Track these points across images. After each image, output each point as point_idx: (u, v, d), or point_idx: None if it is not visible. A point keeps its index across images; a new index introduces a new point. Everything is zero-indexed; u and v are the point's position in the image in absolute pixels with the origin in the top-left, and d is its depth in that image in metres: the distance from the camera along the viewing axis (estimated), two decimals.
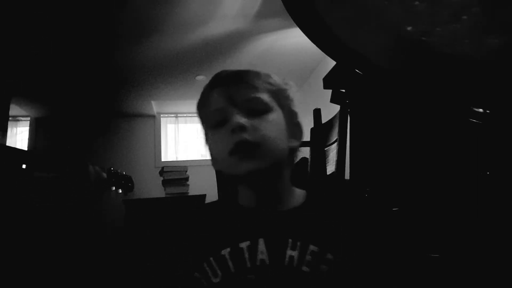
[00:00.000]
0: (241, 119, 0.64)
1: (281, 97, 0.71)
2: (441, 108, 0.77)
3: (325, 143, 1.84)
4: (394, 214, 0.93)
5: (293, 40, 2.87)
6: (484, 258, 0.79)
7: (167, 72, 3.38)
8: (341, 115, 1.65)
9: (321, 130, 1.84)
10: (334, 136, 1.74)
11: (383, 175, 1.04)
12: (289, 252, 0.60)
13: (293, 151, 0.71)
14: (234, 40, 2.89)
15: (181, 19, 2.53)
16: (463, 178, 0.87)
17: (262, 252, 0.60)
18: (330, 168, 1.72)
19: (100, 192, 1.36)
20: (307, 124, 1.91)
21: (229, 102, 0.66)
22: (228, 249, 0.61)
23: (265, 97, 0.67)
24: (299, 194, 0.72)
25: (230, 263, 0.60)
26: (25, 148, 3.97)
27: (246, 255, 0.60)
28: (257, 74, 0.70)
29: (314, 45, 0.73)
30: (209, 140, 0.72)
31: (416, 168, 0.97)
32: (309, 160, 1.93)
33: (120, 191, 1.50)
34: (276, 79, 0.73)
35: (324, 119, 1.86)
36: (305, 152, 1.94)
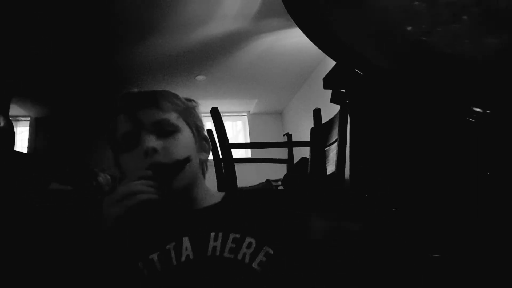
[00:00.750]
0: (152, 142, 0.65)
1: (188, 115, 0.73)
2: (441, 108, 0.77)
3: (325, 143, 1.84)
4: (394, 214, 0.93)
5: (293, 40, 2.87)
6: (484, 258, 0.79)
7: (167, 72, 3.39)
8: (341, 115, 1.65)
9: (321, 130, 1.84)
10: (334, 136, 1.74)
11: (383, 175, 1.04)
12: (212, 244, 0.62)
13: (203, 161, 0.76)
14: (234, 40, 2.89)
15: (181, 19, 2.53)
16: (463, 178, 0.87)
17: (186, 248, 0.63)
18: (330, 168, 1.72)
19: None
20: (307, 124, 1.91)
21: (138, 125, 0.67)
22: (157, 253, 0.64)
23: (172, 117, 0.69)
24: (216, 195, 0.76)
25: (158, 265, 0.62)
26: (25, 149, 3.97)
27: (173, 255, 0.62)
28: (163, 96, 0.71)
29: (314, 45, 0.73)
30: (121, 162, 0.72)
31: (416, 168, 0.97)
32: (309, 160, 1.93)
33: None
34: (181, 98, 0.75)
35: (324, 119, 1.86)
36: (305, 152, 1.94)
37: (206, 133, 0.79)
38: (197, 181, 0.73)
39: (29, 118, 4.11)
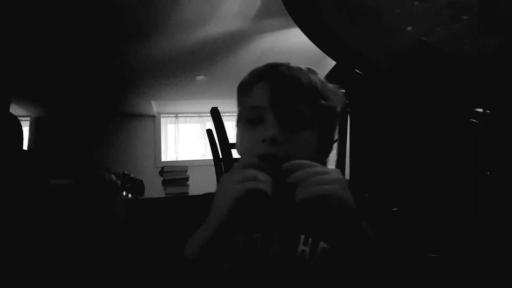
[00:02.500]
0: (276, 130, 0.61)
1: (327, 114, 0.68)
2: (441, 108, 0.77)
3: None
4: (394, 214, 0.93)
5: (293, 40, 2.87)
6: (484, 258, 0.79)
7: (167, 72, 3.39)
8: (341, 115, 1.65)
9: None
10: (334, 136, 1.74)
11: (383, 175, 1.04)
12: (301, 247, 0.60)
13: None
14: (234, 40, 2.89)
15: (181, 19, 2.53)
16: (463, 178, 0.87)
17: (275, 244, 0.60)
18: (330, 168, 1.72)
19: (112, 197, 1.38)
20: None
21: (270, 104, 0.63)
22: (243, 238, 0.61)
23: (308, 112, 0.64)
24: None
25: (241, 248, 0.60)
26: (25, 149, 3.97)
27: (259, 245, 0.60)
28: (313, 86, 0.66)
29: (314, 45, 0.73)
30: (239, 130, 0.70)
31: (416, 168, 0.97)
32: None
33: (130, 195, 1.51)
34: (332, 93, 0.69)
35: None
36: None
37: (335, 134, 0.71)
38: None
39: (29, 118, 4.11)
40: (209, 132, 2.22)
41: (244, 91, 0.70)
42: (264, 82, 0.66)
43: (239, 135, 0.70)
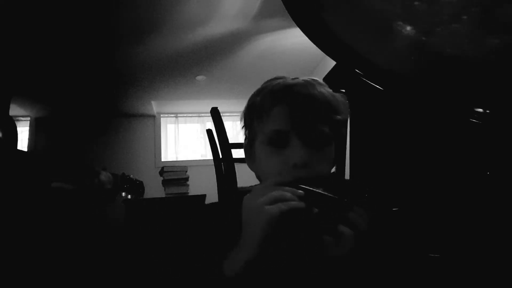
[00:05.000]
0: (304, 153, 0.62)
1: (341, 125, 0.69)
2: (441, 108, 0.77)
3: None
4: (394, 214, 0.93)
5: (293, 40, 2.87)
6: (484, 258, 0.79)
7: (167, 72, 3.39)
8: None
9: None
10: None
11: (383, 175, 1.04)
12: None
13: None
14: (234, 40, 2.89)
15: (181, 19, 2.53)
16: (463, 178, 0.87)
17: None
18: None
19: (112, 198, 1.38)
20: None
21: (293, 126, 0.64)
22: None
23: (327, 129, 0.65)
24: None
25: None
26: (25, 149, 3.97)
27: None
28: (327, 102, 0.66)
29: (314, 45, 0.73)
30: (260, 151, 0.68)
31: (416, 168, 0.97)
32: None
33: (130, 196, 1.51)
34: (342, 106, 0.69)
35: None
36: None
37: (345, 141, 0.74)
38: None
39: (29, 118, 4.11)
40: (209, 132, 2.22)
41: (260, 114, 0.69)
42: (283, 105, 0.65)
43: (261, 157, 0.69)
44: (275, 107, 0.66)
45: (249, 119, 0.72)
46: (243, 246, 0.56)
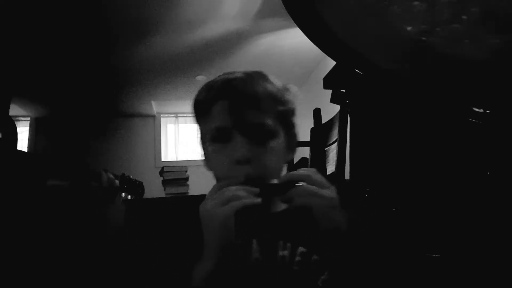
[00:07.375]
0: (246, 148, 0.61)
1: (287, 116, 0.68)
2: (441, 108, 0.77)
3: (325, 143, 1.84)
4: (394, 214, 0.93)
5: (293, 40, 2.87)
6: (484, 258, 0.79)
7: (167, 72, 3.38)
8: (341, 115, 1.65)
9: (321, 130, 1.84)
10: (334, 136, 1.74)
11: (383, 175, 1.04)
12: (281, 253, 0.61)
13: (288, 161, 0.71)
14: (234, 40, 2.89)
15: (181, 19, 2.53)
16: (463, 178, 0.87)
17: (255, 251, 0.61)
18: (330, 168, 1.72)
19: (111, 198, 1.38)
20: (307, 124, 1.91)
21: (233, 122, 0.63)
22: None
23: (271, 121, 0.64)
24: None
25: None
26: (25, 149, 3.97)
27: (241, 252, 0.61)
28: (269, 94, 0.65)
29: (314, 45, 0.73)
30: (207, 149, 0.68)
31: (416, 168, 0.96)
32: (309, 160, 1.93)
33: (130, 197, 1.51)
34: (287, 94, 0.69)
35: (324, 119, 1.85)
36: (305, 152, 1.94)
37: (296, 130, 0.71)
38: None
39: (29, 118, 4.11)
40: None
41: (201, 110, 0.69)
42: (222, 101, 0.64)
43: (208, 155, 0.69)
44: (215, 103, 0.65)
45: (196, 116, 0.71)
46: (205, 255, 0.55)
